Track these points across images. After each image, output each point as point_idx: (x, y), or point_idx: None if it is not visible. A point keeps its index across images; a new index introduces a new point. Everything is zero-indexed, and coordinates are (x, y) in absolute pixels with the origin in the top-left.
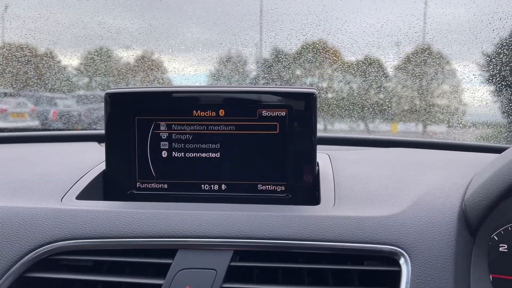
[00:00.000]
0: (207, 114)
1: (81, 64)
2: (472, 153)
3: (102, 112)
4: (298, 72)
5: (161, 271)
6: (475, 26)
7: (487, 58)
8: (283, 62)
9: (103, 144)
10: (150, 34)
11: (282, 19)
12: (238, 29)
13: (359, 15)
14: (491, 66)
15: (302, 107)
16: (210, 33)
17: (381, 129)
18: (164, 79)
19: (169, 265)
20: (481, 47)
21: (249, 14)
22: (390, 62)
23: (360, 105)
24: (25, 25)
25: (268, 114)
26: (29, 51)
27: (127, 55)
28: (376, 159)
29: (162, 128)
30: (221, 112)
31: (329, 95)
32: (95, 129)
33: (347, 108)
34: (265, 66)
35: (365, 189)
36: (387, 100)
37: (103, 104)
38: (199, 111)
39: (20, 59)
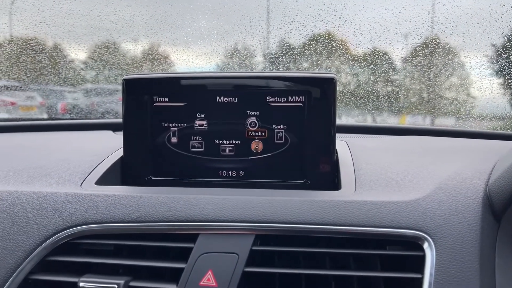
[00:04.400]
0: (226, 100)
1: (94, 55)
2: (491, 140)
3: (113, 105)
4: (314, 59)
5: (183, 255)
6: (496, 10)
7: (509, 43)
8: (299, 49)
9: (118, 133)
10: (165, 22)
11: (298, 4)
12: (253, 16)
13: (377, 0)
14: None
15: (321, 93)
16: (225, 20)
17: (397, 120)
18: (179, 68)
19: (190, 249)
20: (502, 32)
21: (264, 0)
22: (408, 49)
23: (375, 94)
24: (39, 14)
25: (286, 100)
26: (38, 43)
27: (142, 45)
28: (395, 146)
29: (180, 113)
30: (240, 98)
31: (345, 84)
32: (108, 118)
33: (362, 97)
34: (281, 53)
35: (386, 174)
36: (404, 90)
37: (114, 96)
38: (217, 97)
39: (29, 52)
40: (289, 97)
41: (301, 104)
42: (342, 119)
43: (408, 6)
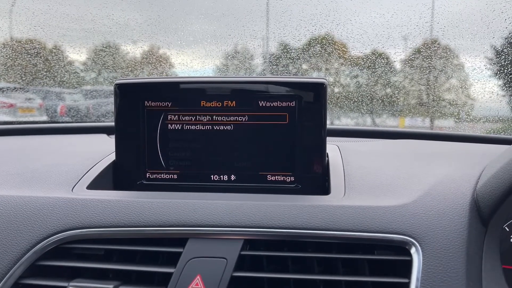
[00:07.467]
0: (216, 104)
1: (89, 58)
2: (482, 144)
3: (109, 107)
4: (307, 63)
5: (172, 259)
6: (487, 15)
7: (499, 48)
8: (292, 53)
9: (112, 136)
10: (159, 26)
11: (291, 9)
12: (247, 20)
13: (369, 5)
14: (503, 57)
15: (312, 97)
16: (219, 24)
17: (389, 123)
18: (173, 72)
19: (179, 253)
20: (492, 37)
21: (258, 4)
22: (400, 54)
23: (369, 98)
24: (34, 17)
25: (277, 104)
26: (37, 45)
27: (136, 48)
28: (386, 150)
29: (172, 118)
30: (230, 103)
31: (338, 88)
32: (103, 121)
33: (355, 100)
34: (274, 57)
35: (376, 179)
36: (396, 93)
37: (110, 98)
38: (208, 102)
39: (28, 54)
40: (281, 102)
41: (292, 108)
42: (341, 121)
43: (400, 11)
